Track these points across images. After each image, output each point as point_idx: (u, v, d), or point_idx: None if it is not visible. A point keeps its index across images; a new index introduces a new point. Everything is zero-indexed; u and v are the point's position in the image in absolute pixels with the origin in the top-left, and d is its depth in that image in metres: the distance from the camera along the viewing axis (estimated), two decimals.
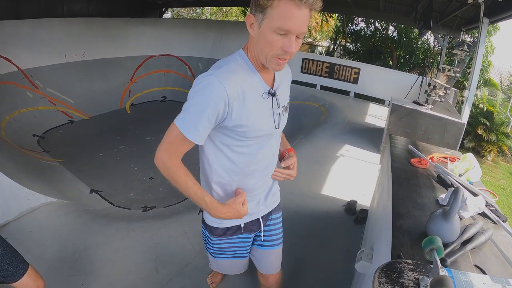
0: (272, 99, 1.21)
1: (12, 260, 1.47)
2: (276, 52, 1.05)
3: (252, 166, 1.28)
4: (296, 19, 0.99)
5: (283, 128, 1.33)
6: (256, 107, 1.16)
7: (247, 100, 1.12)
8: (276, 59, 1.07)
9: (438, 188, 1.67)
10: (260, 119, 1.19)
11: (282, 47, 1.03)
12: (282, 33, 1.01)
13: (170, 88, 8.41)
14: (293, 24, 0.99)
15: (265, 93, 1.18)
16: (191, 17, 17.36)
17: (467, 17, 5.91)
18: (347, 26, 13.67)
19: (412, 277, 0.94)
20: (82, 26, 7.09)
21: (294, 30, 1.01)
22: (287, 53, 1.04)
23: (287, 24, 0.99)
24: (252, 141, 1.22)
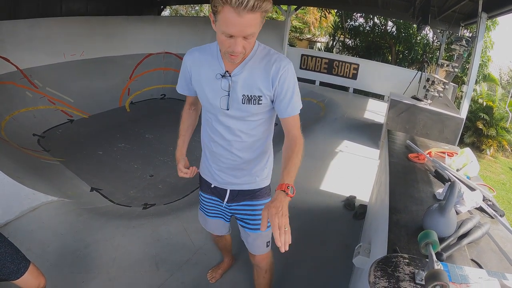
0: (223, 81, 1.33)
1: (14, 258, 1.49)
2: (225, 49, 1.18)
3: (211, 134, 1.50)
4: (237, 25, 1.07)
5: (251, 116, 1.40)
6: (209, 83, 1.36)
7: (203, 74, 1.37)
8: (229, 55, 1.20)
9: (436, 183, 1.68)
10: (211, 95, 1.37)
11: (229, 47, 1.15)
12: (228, 36, 1.12)
13: (170, 85, 8.36)
14: (234, 29, 1.09)
15: (218, 74, 1.33)
16: (190, 15, 17.31)
17: (466, 12, 5.89)
18: (346, 22, 13.65)
19: (408, 271, 0.95)
20: (80, 25, 7.06)
21: (237, 34, 1.10)
22: (234, 51, 1.15)
23: (229, 29, 1.09)
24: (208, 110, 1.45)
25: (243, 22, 1.07)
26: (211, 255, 2.59)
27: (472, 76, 4.39)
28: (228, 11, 1.05)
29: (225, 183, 1.59)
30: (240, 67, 1.31)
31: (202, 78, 1.38)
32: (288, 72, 1.32)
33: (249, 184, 1.59)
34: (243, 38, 1.13)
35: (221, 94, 1.34)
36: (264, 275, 1.88)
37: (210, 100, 1.38)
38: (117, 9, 9.13)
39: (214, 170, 1.58)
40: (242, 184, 1.58)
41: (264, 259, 1.81)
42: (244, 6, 1.02)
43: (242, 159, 1.50)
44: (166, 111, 7.43)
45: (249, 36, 1.13)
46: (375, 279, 0.92)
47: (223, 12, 1.06)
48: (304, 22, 16.74)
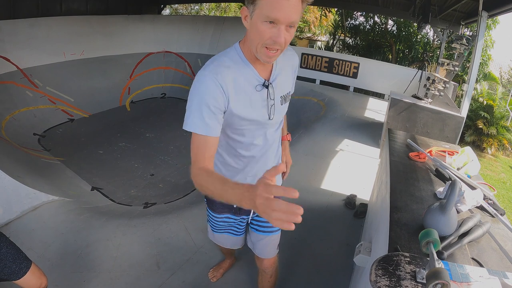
0: (267, 91, 1.22)
1: (15, 258, 1.49)
2: (265, 41, 1.04)
3: (249, 151, 1.34)
4: (284, 8, 0.98)
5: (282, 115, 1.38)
6: (249, 99, 1.18)
7: (239, 91, 1.15)
8: (266, 51, 1.07)
9: (436, 181, 1.68)
10: (253, 110, 1.21)
11: (271, 37, 1.03)
12: (271, 22, 1.01)
13: (170, 84, 8.39)
14: (281, 13, 0.98)
15: (258, 85, 1.20)
16: (190, 14, 17.30)
17: (466, 10, 5.90)
18: (346, 20, 13.64)
19: (409, 270, 0.95)
20: (80, 25, 7.06)
21: (282, 19, 0.99)
22: (276, 43, 1.04)
23: (274, 13, 0.98)
24: (246, 129, 1.26)
25: (290, 4, 0.98)
26: (212, 254, 2.60)
27: (472, 75, 4.38)
28: None
29: None
30: (275, 71, 1.25)
31: (241, 97, 1.17)
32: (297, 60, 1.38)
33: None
34: (286, 28, 1.03)
35: (263, 105, 1.24)
36: (269, 279, 1.87)
37: (251, 117, 1.22)
38: (117, 8, 9.13)
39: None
40: None
41: (272, 264, 1.78)
42: None
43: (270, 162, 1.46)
44: (166, 110, 7.43)
45: (292, 25, 1.04)
46: (376, 278, 0.92)
47: None
48: (304, 21, 16.73)
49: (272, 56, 1.08)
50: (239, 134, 1.27)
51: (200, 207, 3.24)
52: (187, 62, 8.66)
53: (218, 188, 0.97)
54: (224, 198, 0.95)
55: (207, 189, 1.01)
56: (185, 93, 8.13)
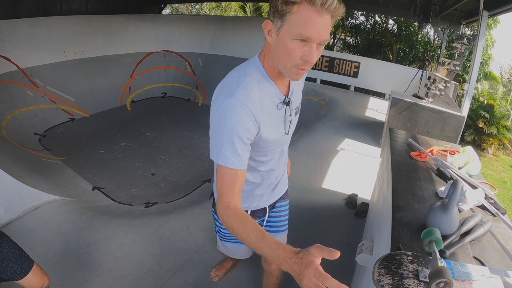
0: (286, 108, 1.18)
1: (17, 258, 1.49)
2: (296, 61, 0.98)
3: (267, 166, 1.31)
4: (317, 26, 0.92)
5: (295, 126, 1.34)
6: (271, 118, 1.14)
7: (265, 113, 1.11)
8: (296, 69, 1.01)
9: (438, 181, 1.68)
10: (276, 131, 1.18)
11: (302, 56, 0.97)
12: (303, 40, 0.94)
13: (170, 84, 8.40)
14: (314, 31, 0.92)
15: (280, 103, 1.15)
16: (190, 13, 17.30)
17: (467, 10, 5.89)
18: (347, 20, 13.62)
19: (411, 269, 0.96)
20: (81, 24, 7.07)
21: (315, 37, 0.93)
22: (307, 62, 0.98)
23: (307, 31, 0.92)
24: (269, 150, 1.23)
25: (323, 22, 0.92)
26: (214, 253, 2.60)
27: (473, 74, 4.38)
28: (308, 10, 0.90)
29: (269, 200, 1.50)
30: (291, 86, 1.22)
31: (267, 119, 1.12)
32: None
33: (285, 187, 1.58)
34: (317, 46, 0.97)
35: (282, 121, 1.20)
36: (275, 281, 1.87)
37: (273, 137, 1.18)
38: (117, 7, 9.14)
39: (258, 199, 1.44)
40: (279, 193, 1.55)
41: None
42: (328, 4, 0.89)
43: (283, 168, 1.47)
44: (167, 109, 7.43)
45: (323, 43, 0.97)
46: (379, 277, 0.92)
47: (301, 12, 0.91)
48: None
49: (300, 74, 1.03)
50: (261, 155, 1.24)
51: (202, 206, 3.24)
52: (188, 62, 8.66)
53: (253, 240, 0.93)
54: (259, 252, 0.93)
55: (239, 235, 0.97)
56: (186, 92, 8.16)
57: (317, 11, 0.90)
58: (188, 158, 5.02)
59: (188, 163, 4.88)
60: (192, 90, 8.14)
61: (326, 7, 0.89)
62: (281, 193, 1.57)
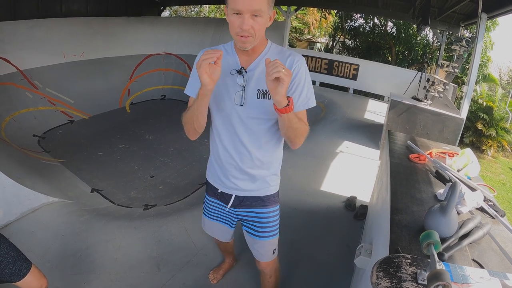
0: (238, 77, 1.33)
1: (15, 260, 1.49)
2: (235, 30, 1.21)
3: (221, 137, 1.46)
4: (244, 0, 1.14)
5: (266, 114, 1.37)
6: (223, 79, 1.33)
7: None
8: (238, 37, 1.22)
9: (437, 183, 1.68)
10: (225, 91, 1.35)
11: (238, 25, 1.19)
12: (236, 13, 1.17)
13: (170, 86, 8.39)
14: (242, 4, 1.14)
15: (233, 70, 1.34)
16: (189, 16, 17.33)
17: (466, 12, 5.90)
18: (346, 22, 13.66)
19: (410, 271, 0.95)
20: (80, 26, 7.06)
21: (243, 8, 1.15)
22: (243, 30, 1.19)
23: (236, 4, 1.15)
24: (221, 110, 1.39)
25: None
26: (213, 256, 2.60)
27: (472, 77, 4.39)
28: None
29: (232, 188, 1.56)
30: (255, 62, 1.34)
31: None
32: (301, 67, 1.34)
33: (259, 190, 1.57)
34: (251, 17, 1.17)
35: (236, 90, 1.34)
36: (269, 280, 1.90)
37: (224, 97, 1.36)
38: (117, 9, 9.12)
39: (221, 175, 1.56)
40: (252, 191, 1.56)
41: (269, 265, 1.81)
42: None
43: (256, 162, 1.48)
44: (166, 112, 7.43)
45: (256, 13, 1.17)
46: (377, 280, 0.92)
47: None
48: (304, 22, 16.76)
49: (244, 41, 1.23)
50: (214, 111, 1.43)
51: (200, 209, 3.21)
52: (187, 64, 8.66)
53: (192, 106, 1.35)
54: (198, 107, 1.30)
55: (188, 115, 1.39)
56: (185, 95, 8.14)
57: None
58: (187, 161, 5.01)
59: (187, 165, 4.88)
60: None
61: None
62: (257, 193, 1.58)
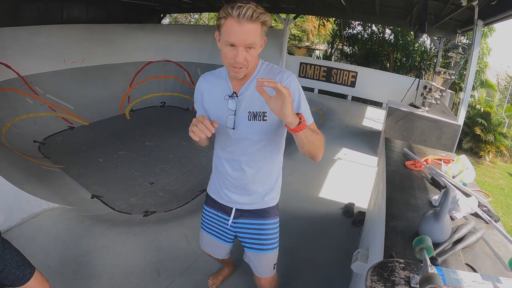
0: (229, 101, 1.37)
1: (19, 264, 1.51)
2: (229, 61, 1.24)
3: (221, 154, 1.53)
4: (238, 33, 1.16)
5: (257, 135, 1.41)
6: (218, 104, 1.40)
7: (213, 95, 1.42)
8: (231, 68, 1.25)
9: (432, 189, 1.71)
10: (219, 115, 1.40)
11: (232, 57, 1.21)
12: (231, 45, 1.20)
13: (169, 93, 8.45)
14: (236, 37, 1.17)
15: (226, 95, 1.38)
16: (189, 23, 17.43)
17: (462, 19, 5.95)
18: (344, 29, 13.74)
19: (403, 275, 0.98)
20: (81, 33, 7.12)
21: (238, 42, 1.18)
22: (236, 62, 1.21)
23: (231, 38, 1.18)
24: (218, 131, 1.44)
25: (243, 30, 1.16)
26: (212, 262, 2.60)
27: (468, 83, 4.42)
28: (230, 22, 1.16)
29: (232, 202, 1.59)
30: (245, 86, 1.36)
31: (212, 99, 1.42)
32: (291, 82, 1.33)
33: (255, 204, 1.59)
34: (244, 49, 1.20)
35: (227, 114, 1.38)
36: None
37: (218, 121, 1.36)
38: (117, 17, 9.20)
39: (221, 188, 1.59)
40: (249, 204, 1.58)
41: (270, 282, 1.80)
42: (243, 15, 1.13)
43: (250, 179, 1.51)
44: (165, 118, 7.47)
45: (250, 46, 1.20)
46: (371, 283, 0.95)
47: (226, 24, 1.17)
48: (303, 30, 16.86)
49: (237, 72, 1.26)
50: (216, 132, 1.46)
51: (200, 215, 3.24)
52: (187, 71, 8.71)
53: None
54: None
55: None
56: (184, 102, 8.19)
57: (237, 22, 1.15)
58: (186, 168, 5.04)
59: (186, 172, 4.90)
60: (190, 100, 8.09)
61: (242, 17, 1.14)
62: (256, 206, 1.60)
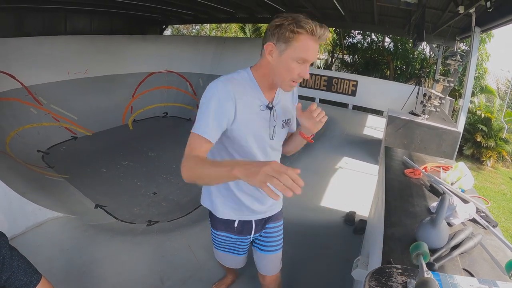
0: (270, 112, 1.36)
1: (26, 271, 1.53)
2: (293, 77, 1.24)
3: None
4: (313, 51, 1.21)
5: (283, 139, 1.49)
6: (253, 116, 1.31)
7: (247, 104, 1.28)
8: (291, 82, 1.26)
9: (430, 196, 1.73)
10: (256, 128, 1.34)
11: (299, 73, 1.23)
12: (301, 62, 1.21)
13: (172, 104, 8.52)
14: (311, 55, 1.21)
15: (262, 105, 1.33)
16: (191, 34, 17.58)
17: (460, 26, 5.98)
18: (344, 39, 13.81)
19: (401, 281, 1.01)
20: (84, 44, 7.22)
21: (311, 59, 1.22)
22: (302, 78, 1.26)
23: (307, 55, 1.20)
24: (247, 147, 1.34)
25: (316, 48, 1.22)
26: (215, 271, 2.62)
27: (467, 90, 4.43)
28: (309, 39, 1.18)
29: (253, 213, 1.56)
30: (277, 96, 1.40)
31: (248, 109, 1.28)
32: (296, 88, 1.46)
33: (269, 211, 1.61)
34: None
35: (266, 125, 1.37)
36: None
37: (256, 133, 1.34)
38: (120, 28, 9.32)
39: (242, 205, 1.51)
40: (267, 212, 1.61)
41: (274, 280, 1.84)
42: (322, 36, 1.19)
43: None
44: (168, 129, 7.52)
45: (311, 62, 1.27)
46: None
47: (303, 40, 1.18)
48: None
49: (293, 86, 1.29)
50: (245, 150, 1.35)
51: (203, 225, 3.28)
52: (189, 82, 8.78)
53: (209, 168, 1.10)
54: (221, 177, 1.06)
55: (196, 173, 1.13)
56: (186, 112, 8.25)
57: (314, 40, 1.19)
58: None
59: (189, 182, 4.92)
60: (193, 110, 8.23)
61: (320, 37, 1.19)
62: (272, 211, 1.63)
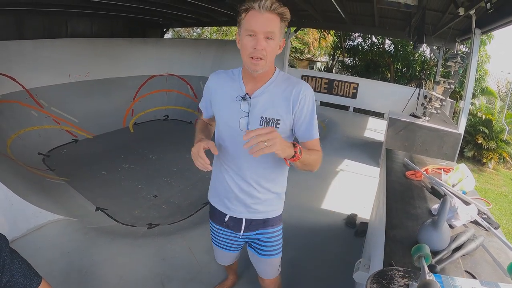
0: (242, 103, 1.38)
1: (27, 274, 1.53)
2: (248, 51, 1.26)
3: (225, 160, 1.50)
4: (259, 21, 1.22)
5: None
6: (228, 104, 1.40)
7: (223, 94, 1.42)
8: (250, 59, 1.27)
9: (432, 199, 1.72)
10: (229, 116, 1.41)
11: (252, 45, 1.25)
12: (251, 34, 1.24)
13: (172, 107, 8.53)
14: (256, 24, 1.23)
15: (238, 96, 1.38)
16: (192, 37, 17.62)
17: (461, 28, 5.98)
18: (345, 41, 13.83)
19: (402, 283, 1.00)
20: (85, 47, 7.23)
21: (258, 28, 1.23)
22: (256, 50, 1.24)
23: (252, 25, 1.23)
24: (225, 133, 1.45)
25: (263, 18, 1.22)
26: (216, 273, 2.62)
27: (468, 92, 4.43)
28: (252, 13, 1.23)
29: (240, 212, 1.57)
30: (261, 90, 1.38)
31: (223, 98, 1.43)
32: (307, 96, 1.38)
33: (263, 213, 1.59)
34: (264, 38, 1.24)
35: (240, 116, 1.38)
36: None
37: (228, 122, 1.41)
38: (121, 31, 9.34)
39: (228, 198, 1.56)
40: (257, 213, 1.57)
41: (274, 283, 1.83)
42: (263, 5, 1.21)
43: (258, 186, 1.50)
44: (169, 132, 7.53)
45: (270, 36, 1.25)
46: None
47: (248, 16, 1.25)
48: (304, 42, 17.02)
49: (256, 64, 1.28)
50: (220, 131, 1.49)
51: (203, 228, 3.27)
52: (190, 85, 8.79)
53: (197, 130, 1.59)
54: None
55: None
56: (187, 115, 8.26)
57: (258, 11, 1.23)
58: (190, 181, 5.06)
59: (190, 185, 4.92)
60: (193, 113, 8.24)
61: (262, 7, 1.21)
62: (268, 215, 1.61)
